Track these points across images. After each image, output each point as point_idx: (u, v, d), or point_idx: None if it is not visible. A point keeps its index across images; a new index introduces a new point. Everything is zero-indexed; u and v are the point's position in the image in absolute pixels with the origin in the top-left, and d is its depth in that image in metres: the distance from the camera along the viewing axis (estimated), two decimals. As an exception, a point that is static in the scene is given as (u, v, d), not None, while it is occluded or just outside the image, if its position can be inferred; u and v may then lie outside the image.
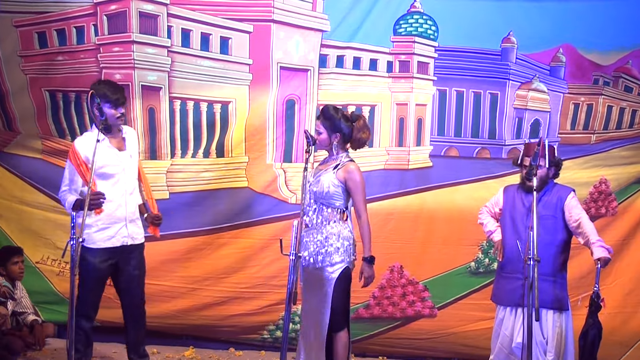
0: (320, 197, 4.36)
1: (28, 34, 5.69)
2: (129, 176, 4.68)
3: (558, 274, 4.46)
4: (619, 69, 5.80)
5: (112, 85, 4.67)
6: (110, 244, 4.58)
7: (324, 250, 4.30)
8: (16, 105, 5.80)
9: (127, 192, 4.65)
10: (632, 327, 5.73)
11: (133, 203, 4.70)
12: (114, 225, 4.59)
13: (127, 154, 4.69)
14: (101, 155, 4.42)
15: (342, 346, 4.40)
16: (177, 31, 5.59)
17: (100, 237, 4.56)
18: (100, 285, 4.67)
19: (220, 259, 5.75)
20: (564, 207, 4.45)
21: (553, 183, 4.57)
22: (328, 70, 5.73)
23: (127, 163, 4.68)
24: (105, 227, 4.57)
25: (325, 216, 4.37)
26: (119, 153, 4.64)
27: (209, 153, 5.75)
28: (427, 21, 5.69)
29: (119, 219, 4.60)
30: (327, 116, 4.39)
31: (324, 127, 4.40)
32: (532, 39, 5.70)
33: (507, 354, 4.50)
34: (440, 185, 5.85)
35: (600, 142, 5.89)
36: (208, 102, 5.71)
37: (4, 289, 5.47)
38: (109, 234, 4.58)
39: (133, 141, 4.78)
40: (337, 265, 4.31)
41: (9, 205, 5.95)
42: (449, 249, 5.79)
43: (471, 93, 5.85)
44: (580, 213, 4.44)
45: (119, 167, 4.62)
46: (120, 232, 4.60)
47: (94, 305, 4.63)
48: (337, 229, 4.34)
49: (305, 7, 5.63)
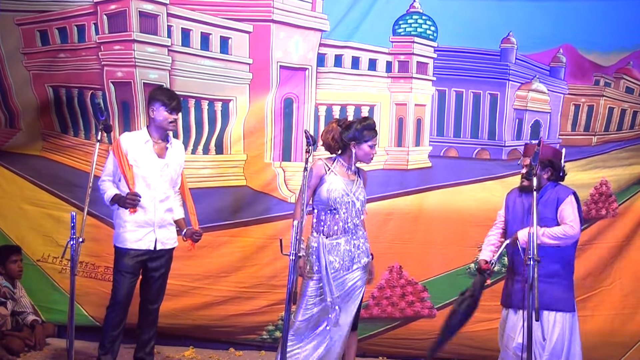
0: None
1: (30, 32, 5.68)
2: (162, 184, 4.71)
3: (561, 275, 4.38)
4: (620, 69, 5.75)
5: (168, 92, 4.81)
6: (137, 246, 4.65)
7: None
8: (19, 100, 5.79)
9: (157, 198, 4.68)
10: (631, 328, 5.67)
11: (164, 210, 4.72)
12: (142, 229, 4.65)
13: (164, 162, 4.72)
14: (141, 157, 4.61)
15: (355, 344, 4.54)
16: (177, 31, 5.57)
17: (129, 237, 4.65)
18: (131, 283, 4.70)
19: (220, 257, 5.71)
20: (559, 208, 4.37)
21: (554, 184, 4.49)
22: (326, 70, 5.69)
23: (163, 171, 4.71)
24: (134, 230, 4.64)
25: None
26: (157, 159, 4.70)
27: (208, 150, 5.72)
28: (426, 21, 5.66)
29: (147, 224, 4.66)
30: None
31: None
32: (531, 39, 5.66)
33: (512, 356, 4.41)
34: (440, 185, 5.80)
35: (602, 144, 5.83)
36: (209, 100, 5.69)
37: (4, 289, 5.42)
38: (138, 237, 4.65)
39: (176, 153, 4.82)
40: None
41: (8, 204, 5.91)
42: (449, 250, 5.74)
43: (470, 93, 5.81)
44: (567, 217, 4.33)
45: (155, 173, 4.68)
46: (147, 237, 4.67)
47: (126, 300, 4.68)
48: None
49: (305, 7, 5.61)
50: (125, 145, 4.65)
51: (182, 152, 4.94)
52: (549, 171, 4.45)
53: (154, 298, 4.81)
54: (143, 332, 4.85)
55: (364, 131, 4.37)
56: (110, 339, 4.68)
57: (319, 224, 4.42)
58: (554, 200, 4.39)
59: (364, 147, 4.38)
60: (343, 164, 4.45)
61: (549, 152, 4.45)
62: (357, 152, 4.39)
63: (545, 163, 4.40)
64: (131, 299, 4.74)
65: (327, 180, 4.37)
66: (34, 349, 5.47)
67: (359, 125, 4.38)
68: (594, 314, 5.58)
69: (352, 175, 4.46)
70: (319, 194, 4.38)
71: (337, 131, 4.41)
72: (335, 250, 4.35)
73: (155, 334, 4.90)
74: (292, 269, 3.87)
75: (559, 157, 4.47)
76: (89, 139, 5.75)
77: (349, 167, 4.44)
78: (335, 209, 4.36)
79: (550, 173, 4.46)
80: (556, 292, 4.32)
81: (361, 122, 4.42)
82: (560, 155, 4.49)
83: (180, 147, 4.97)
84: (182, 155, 4.91)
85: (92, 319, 5.64)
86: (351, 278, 4.39)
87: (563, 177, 4.51)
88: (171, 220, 4.79)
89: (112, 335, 4.68)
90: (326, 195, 4.34)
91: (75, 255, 3.99)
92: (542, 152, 4.24)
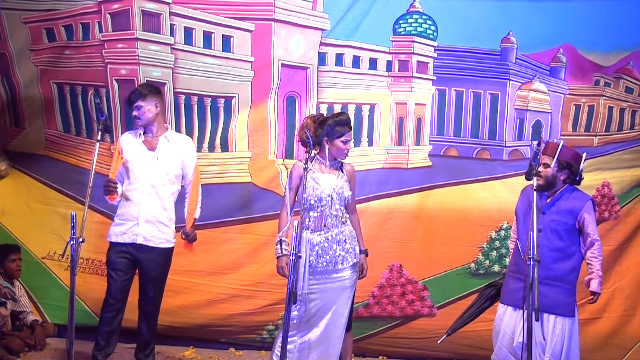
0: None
1: (37, 30, 5.68)
2: (150, 177, 4.62)
3: (566, 280, 4.30)
4: (619, 69, 5.68)
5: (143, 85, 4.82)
6: (122, 240, 4.60)
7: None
8: (26, 98, 5.78)
9: (145, 192, 4.60)
10: (631, 329, 5.61)
11: (151, 205, 4.62)
12: (127, 222, 4.60)
13: (153, 155, 4.65)
14: (132, 150, 4.60)
15: (351, 345, 4.53)
16: (179, 29, 5.54)
17: (115, 231, 4.64)
18: (121, 278, 4.62)
19: (225, 253, 5.67)
20: (579, 217, 4.29)
21: (572, 188, 4.38)
22: (327, 69, 5.64)
23: (150, 164, 4.63)
24: (120, 223, 4.63)
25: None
26: (146, 152, 4.63)
27: (214, 147, 5.68)
28: (426, 21, 5.61)
29: (133, 217, 4.59)
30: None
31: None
32: (532, 39, 5.60)
33: (507, 353, 4.37)
34: (440, 185, 5.74)
35: (603, 145, 5.76)
36: (212, 98, 5.66)
37: (5, 289, 5.37)
38: (122, 230, 4.61)
39: (173, 148, 4.70)
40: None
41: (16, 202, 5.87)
42: (449, 249, 5.68)
43: (471, 93, 5.75)
44: (592, 232, 4.29)
45: (141, 165, 4.60)
46: (131, 230, 4.59)
47: (116, 296, 4.62)
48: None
49: (306, 6, 5.57)
50: (122, 142, 4.67)
51: (185, 147, 4.78)
52: (566, 173, 4.34)
53: (146, 299, 4.72)
54: (141, 333, 4.77)
55: (337, 127, 4.30)
56: (103, 336, 4.62)
57: (303, 221, 4.33)
58: (573, 207, 4.30)
59: (337, 142, 4.32)
60: (322, 161, 4.39)
61: (569, 155, 4.34)
62: (330, 148, 4.34)
63: (563, 165, 4.30)
64: (125, 296, 4.67)
65: (307, 178, 4.29)
66: (34, 349, 5.41)
67: (332, 121, 4.32)
68: (594, 315, 5.49)
69: (333, 171, 4.39)
70: (300, 193, 4.33)
71: (312, 127, 4.34)
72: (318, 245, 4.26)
73: (154, 336, 4.82)
74: (292, 268, 3.83)
75: (579, 160, 4.37)
76: (92, 138, 5.71)
77: (326, 163, 4.38)
78: (316, 205, 4.29)
79: (567, 175, 4.34)
80: (558, 296, 4.25)
81: (334, 117, 4.37)
82: (580, 159, 4.38)
83: (184, 142, 4.83)
84: (184, 150, 4.76)
85: (95, 316, 5.56)
86: (339, 278, 4.32)
87: (579, 182, 4.40)
88: (165, 220, 4.67)
89: (104, 332, 4.62)
90: (306, 193, 4.28)
91: (75, 255, 3.93)
92: (563, 154, 4.22)
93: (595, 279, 4.25)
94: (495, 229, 5.67)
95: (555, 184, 4.33)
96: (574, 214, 4.29)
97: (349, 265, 4.34)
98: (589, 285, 4.28)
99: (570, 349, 4.26)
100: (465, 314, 4.64)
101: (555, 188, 4.35)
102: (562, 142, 4.36)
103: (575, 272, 4.35)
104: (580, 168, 4.35)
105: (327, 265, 4.28)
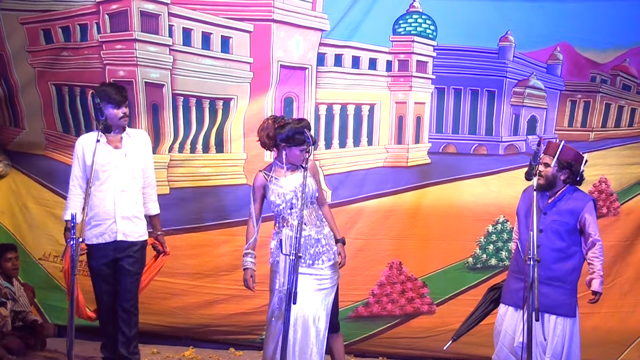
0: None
1: (34, 31, 5.64)
2: (121, 174, 4.63)
3: (567, 280, 4.27)
4: (616, 67, 5.65)
5: (114, 87, 4.71)
6: (103, 240, 4.60)
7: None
8: (24, 98, 5.74)
9: (118, 189, 4.61)
10: (629, 326, 5.60)
11: (126, 201, 4.63)
12: (105, 222, 4.60)
13: (121, 152, 4.66)
14: (98, 152, 4.42)
15: (342, 346, 4.48)
16: (178, 30, 5.50)
17: (93, 233, 4.60)
18: (106, 287, 4.69)
19: (221, 256, 5.63)
20: (580, 218, 4.25)
21: (573, 189, 4.35)
22: (326, 69, 5.60)
23: (119, 161, 4.63)
24: (97, 224, 4.60)
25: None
26: (112, 150, 4.63)
27: (208, 148, 5.64)
28: (425, 21, 5.58)
29: (109, 216, 4.59)
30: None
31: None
32: (529, 38, 5.59)
33: (508, 353, 4.35)
34: (439, 181, 5.72)
35: (600, 140, 5.73)
36: (210, 99, 5.61)
37: (5, 289, 5.32)
38: (101, 231, 4.60)
39: (135, 142, 4.72)
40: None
41: (14, 202, 5.84)
42: (447, 245, 5.67)
43: (469, 91, 5.72)
44: (593, 232, 4.26)
45: (111, 164, 4.60)
46: (110, 228, 4.60)
47: (107, 302, 4.68)
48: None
49: (305, 7, 5.52)
50: (82, 146, 4.60)
51: (145, 140, 4.82)
52: (567, 173, 4.29)
53: (125, 296, 4.68)
54: (122, 330, 4.71)
55: (296, 135, 4.20)
56: (107, 335, 4.74)
57: (279, 227, 4.30)
58: (574, 207, 4.27)
59: (294, 150, 4.24)
60: (279, 165, 4.33)
61: (570, 155, 4.30)
62: (287, 154, 4.26)
63: (564, 164, 4.26)
64: (113, 298, 4.71)
65: (270, 187, 4.27)
66: (34, 349, 5.37)
67: (292, 128, 4.21)
68: (593, 312, 5.40)
69: (294, 171, 4.31)
70: (267, 202, 4.29)
71: (272, 129, 4.26)
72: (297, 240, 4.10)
73: (136, 333, 4.77)
74: (292, 268, 3.78)
75: (580, 161, 4.33)
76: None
77: (283, 167, 4.31)
78: (285, 208, 4.25)
79: (567, 175, 4.30)
80: (559, 296, 4.23)
81: (295, 124, 4.26)
82: (581, 159, 4.34)
83: (142, 135, 4.87)
84: (144, 144, 4.79)
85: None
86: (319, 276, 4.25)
87: (580, 182, 4.36)
88: (139, 213, 4.70)
89: (107, 331, 4.72)
90: (272, 199, 4.25)
91: (75, 256, 3.88)
92: (563, 154, 4.18)
93: (597, 278, 4.23)
94: (492, 223, 5.66)
95: (556, 183, 4.29)
96: (575, 215, 4.26)
97: (329, 264, 4.28)
98: (590, 285, 4.26)
99: (571, 349, 4.25)
100: (469, 318, 4.60)
101: (555, 188, 4.31)
102: (562, 142, 4.32)
103: (576, 272, 4.32)
104: (581, 169, 4.31)
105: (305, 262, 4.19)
